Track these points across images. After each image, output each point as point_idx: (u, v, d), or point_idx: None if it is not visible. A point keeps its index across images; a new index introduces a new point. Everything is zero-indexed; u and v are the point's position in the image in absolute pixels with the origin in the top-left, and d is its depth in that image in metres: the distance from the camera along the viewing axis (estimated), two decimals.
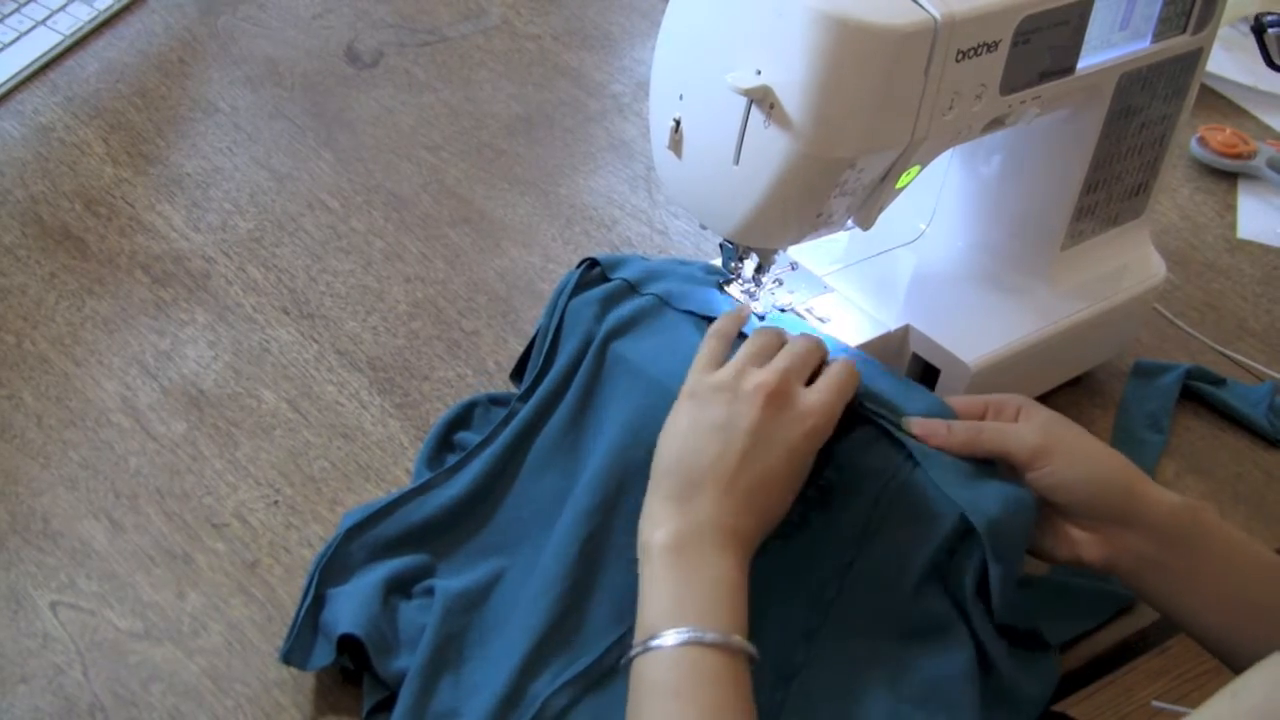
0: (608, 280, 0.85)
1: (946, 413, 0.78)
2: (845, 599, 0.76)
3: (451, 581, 0.77)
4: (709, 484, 0.70)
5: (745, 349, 0.76)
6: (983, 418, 0.79)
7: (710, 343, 0.77)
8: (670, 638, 0.65)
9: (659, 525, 0.70)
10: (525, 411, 0.83)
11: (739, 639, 0.66)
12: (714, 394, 0.73)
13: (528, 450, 0.83)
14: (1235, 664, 0.74)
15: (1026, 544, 0.76)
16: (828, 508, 0.76)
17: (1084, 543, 0.75)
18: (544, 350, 0.85)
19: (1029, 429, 0.76)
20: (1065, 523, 0.76)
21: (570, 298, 0.84)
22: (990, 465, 0.76)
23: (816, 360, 0.76)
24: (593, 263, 0.86)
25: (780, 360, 0.75)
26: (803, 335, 0.78)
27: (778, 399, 0.72)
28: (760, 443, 0.71)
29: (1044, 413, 0.78)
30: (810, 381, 0.75)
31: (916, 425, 0.77)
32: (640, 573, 0.69)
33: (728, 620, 0.66)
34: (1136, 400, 0.99)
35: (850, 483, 0.76)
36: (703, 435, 0.71)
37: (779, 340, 0.77)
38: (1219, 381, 1.01)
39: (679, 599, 0.67)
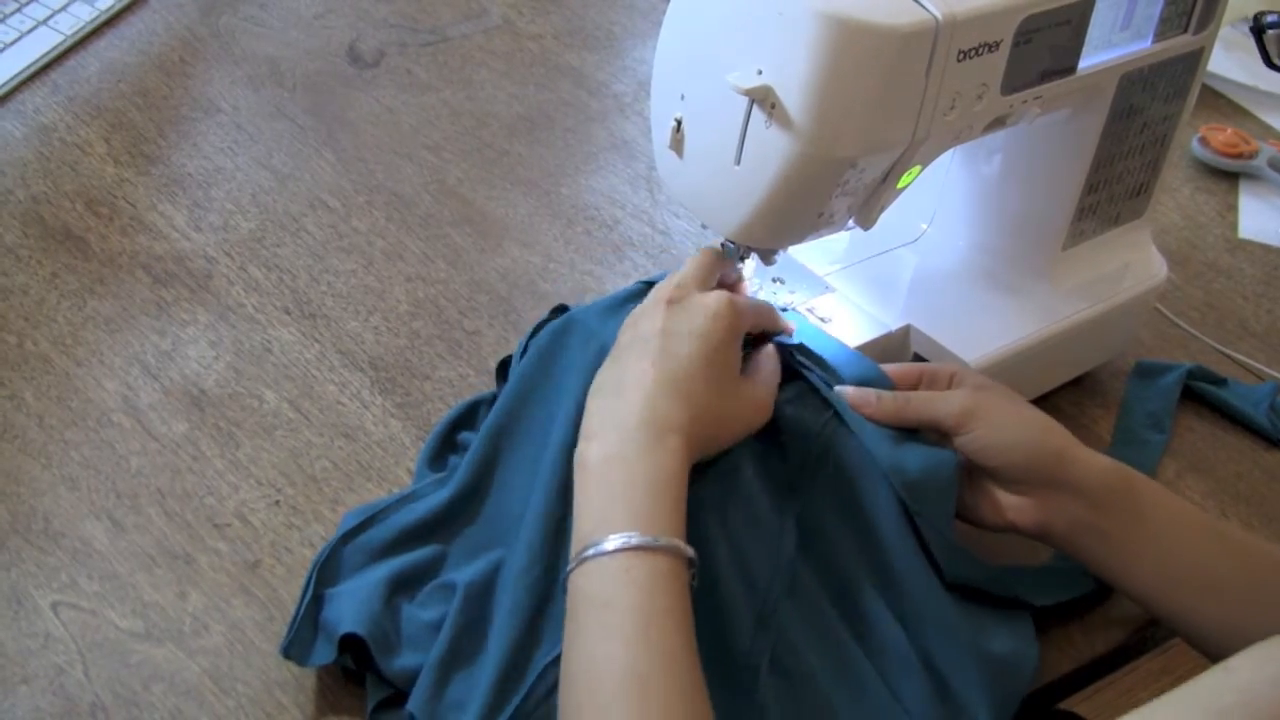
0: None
1: (882, 380, 0.80)
2: (801, 553, 0.77)
3: (461, 574, 0.78)
4: (629, 389, 0.71)
5: (656, 288, 0.78)
6: (916, 386, 0.80)
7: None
8: (602, 545, 0.64)
9: (589, 440, 0.70)
10: (501, 400, 0.84)
11: (670, 539, 0.65)
12: (629, 323, 0.76)
13: (508, 438, 0.83)
14: (1180, 629, 0.75)
15: (954, 505, 0.77)
16: (765, 458, 0.78)
17: (1016, 508, 0.76)
18: (523, 345, 0.87)
19: (956, 395, 0.77)
20: (997, 488, 0.77)
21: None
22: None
23: (713, 266, 0.79)
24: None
25: (675, 274, 0.78)
26: (701, 251, 0.80)
27: (675, 300, 0.75)
28: (669, 338, 0.73)
29: (975, 379, 0.79)
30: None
31: (849, 394, 0.78)
32: (575, 487, 0.69)
33: (662, 522, 0.65)
34: (1138, 400, 0.99)
35: (785, 434, 0.78)
36: (622, 355, 0.74)
37: (698, 260, 0.80)
38: (1220, 381, 1.01)
39: (609, 506, 0.66)
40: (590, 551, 0.65)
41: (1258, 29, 0.99)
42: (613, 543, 0.64)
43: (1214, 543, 0.74)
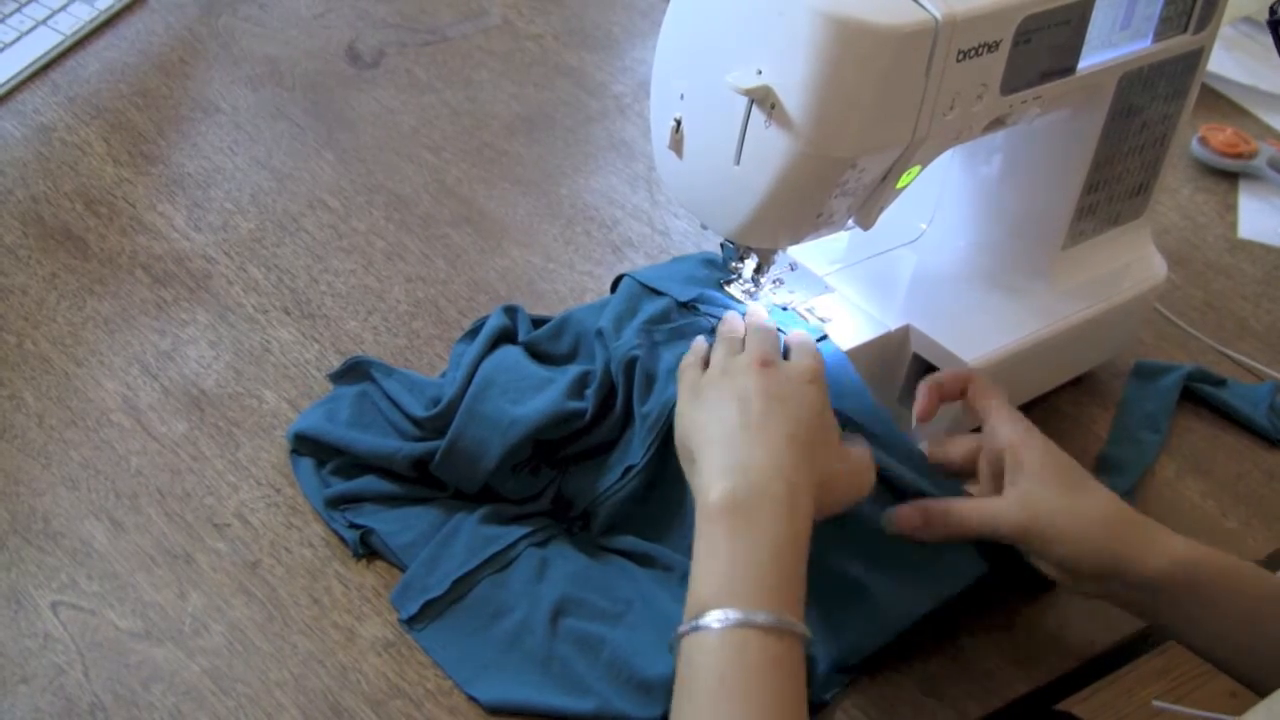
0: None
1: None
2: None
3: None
4: (749, 433, 0.70)
5: (719, 344, 0.78)
6: (964, 393, 0.81)
7: (687, 373, 0.78)
8: (717, 618, 0.64)
9: (714, 483, 0.69)
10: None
11: (790, 619, 0.65)
12: (711, 383, 0.75)
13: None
14: (1253, 686, 0.74)
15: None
16: None
17: (1077, 582, 0.77)
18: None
19: (1009, 509, 0.76)
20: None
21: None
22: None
23: (776, 338, 0.79)
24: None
25: (752, 343, 0.77)
26: (754, 325, 0.80)
27: (768, 365, 0.74)
28: (775, 399, 0.72)
29: (1013, 431, 0.78)
30: None
31: (900, 516, 0.78)
32: (696, 537, 0.69)
33: (782, 595, 0.66)
34: (1137, 400, 0.99)
35: None
36: (720, 406, 0.73)
37: (741, 324, 0.80)
38: (1219, 382, 1.01)
39: (730, 574, 0.66)
40: (709, 622, 0.65)
41: (1274, 22, 0.98)
42: (730, 618, 0.64)
43: None
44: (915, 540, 0.78)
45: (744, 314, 0.82)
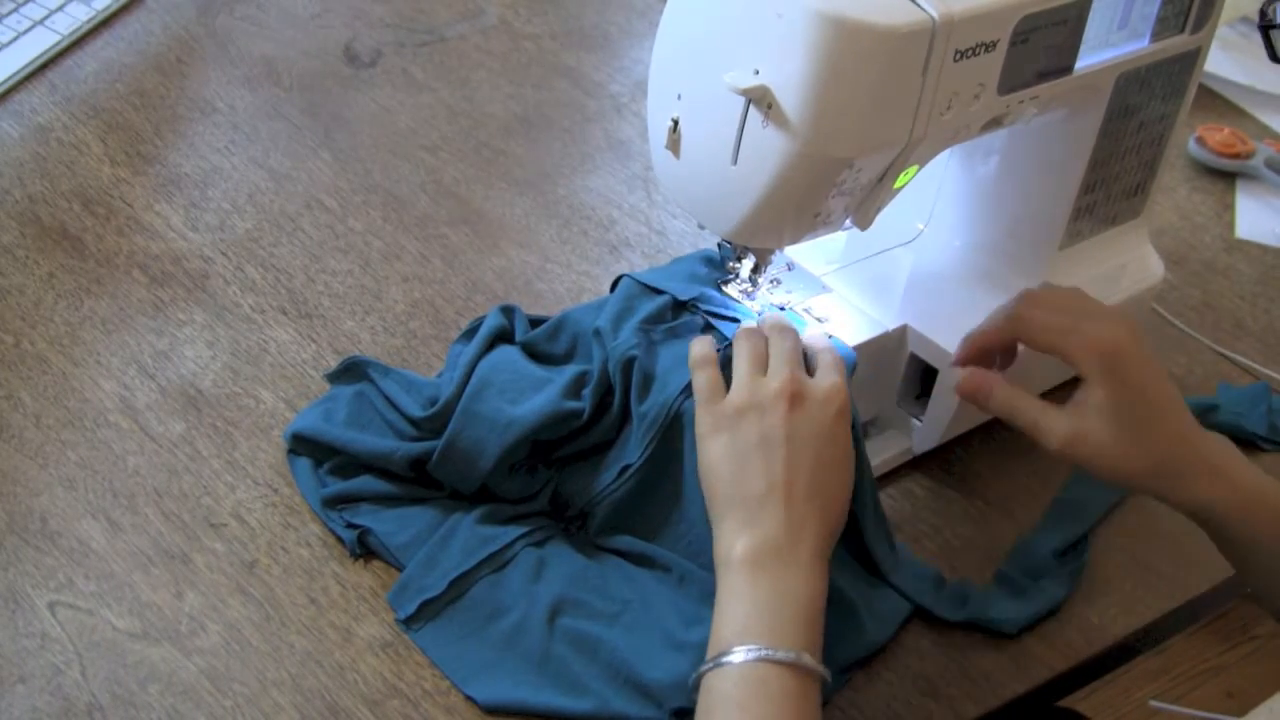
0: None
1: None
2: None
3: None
4: (771, 497, 0.71)
5: (742, 362, 0.77)
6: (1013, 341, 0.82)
7: (701, 374, 0.77)
8: (739, 654, 0.66)
9: (736, 539, 0.71)
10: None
11: (809, 658, 0.66)
12: (738, 418, 0.74)
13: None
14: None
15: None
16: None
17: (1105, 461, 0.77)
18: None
19: (1058, 427, 0.76)
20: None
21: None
22: None
23: (800, 346, 0.78)
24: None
25: (779, 362, 0.76)
26: (777, 327, 0.79)
27: (797, 398, 0.74)
28: (801, 444, 0.73)
29: (1093, 380, 0.76)
30: None
31: (965, 380, 0.80)
32: (719, 584, 0.70)
33: (801, 638, 0.67)
34: None
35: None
36: (747, 457, 0.73)
37: (763, 338, 0.78)
38: (1211, 408, 0.99)
39: (752, 615, 0.68)
40: (726, 659, 0.66)
41: (1265, 25, 0.98)
42: (752, 653, 0.66)
43: None
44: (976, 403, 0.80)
45: (755, 316, 0.82)
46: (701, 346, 0.79)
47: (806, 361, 0.78)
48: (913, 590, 0.83)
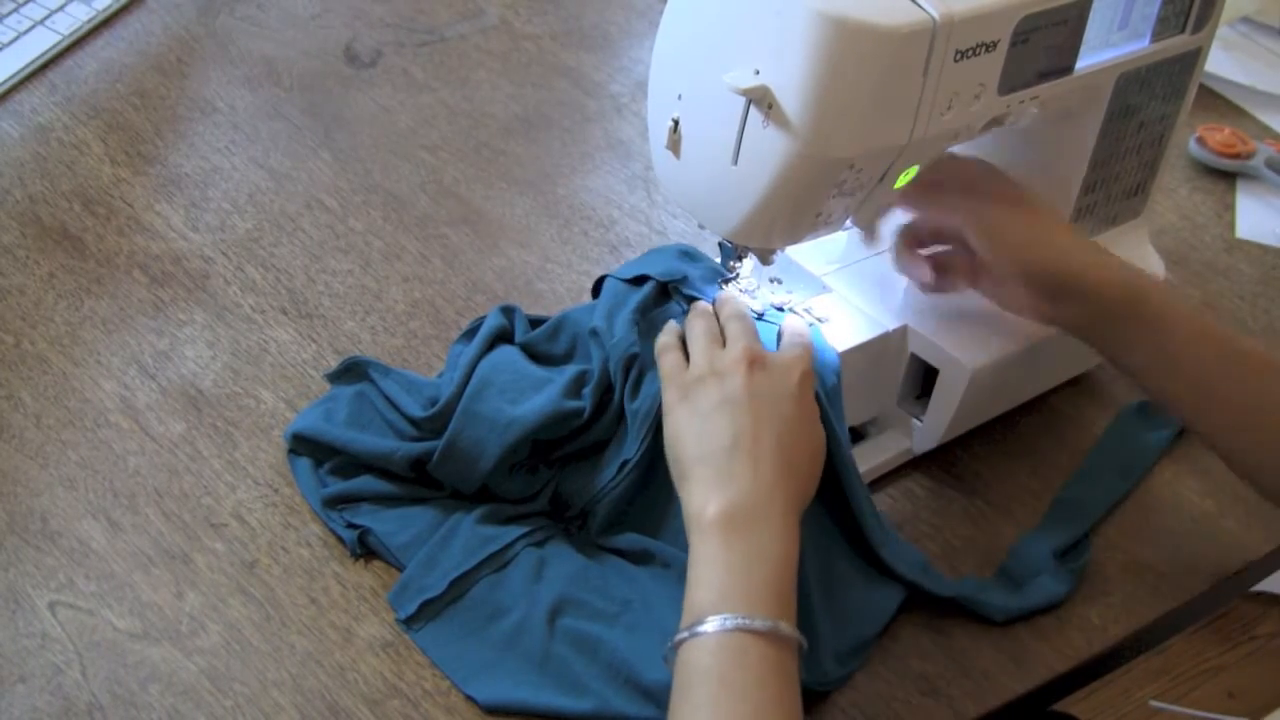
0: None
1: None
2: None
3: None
4: (738, 451, 0.71)
5: (698, 338, 0.78)
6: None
7: (666, 358, 0.78)
8: (715, 623, 0.66)
9: (708, 500, 0.70)
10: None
11: (786, 626, 0.66)
12: (698, 384, 0.75)
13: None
14: (1218, 452, 0.80)
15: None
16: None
17: (1024, 309, 0.82)
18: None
19: (968, 220, 0.81)
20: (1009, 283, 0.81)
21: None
22: None
23: (753, 328, 0.79)
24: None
25: (734, 336, 0.77)
26: (731, 312, 0.80)
27: (757, 362, 0.75)
28: (763, 401, 0.73)
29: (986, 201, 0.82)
30: None
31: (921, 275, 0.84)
32: (690, 547, 0.70)
33: (776, 603, 0.67)
34: (1117, 444, 0.98)
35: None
36: (710, 418, 0.73)
37: (712, 315, 0.80)
38: None
39: (726, 580, 0.67)
40: (702, 629, 0.66)
41: None
42: (729, 622, 0.66)
43: (1235, 365, 0.77)
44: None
45: (713, 300, 0.83)
46: (666, 335, 0.80)
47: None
48: (904, 568, 0.83)
